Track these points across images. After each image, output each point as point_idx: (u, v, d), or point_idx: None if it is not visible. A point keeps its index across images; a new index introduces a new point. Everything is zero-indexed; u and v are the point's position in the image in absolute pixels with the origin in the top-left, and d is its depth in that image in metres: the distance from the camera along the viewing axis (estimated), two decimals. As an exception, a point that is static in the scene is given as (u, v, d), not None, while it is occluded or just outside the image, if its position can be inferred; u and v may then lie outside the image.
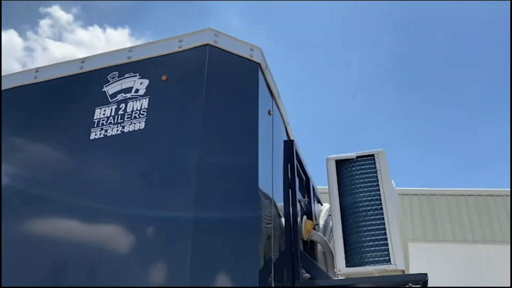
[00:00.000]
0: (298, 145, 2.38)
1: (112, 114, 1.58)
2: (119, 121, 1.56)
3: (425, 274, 1.77)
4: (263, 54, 1.77)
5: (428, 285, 1.81)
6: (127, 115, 1.56)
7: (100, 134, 1.56)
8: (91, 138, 1.56)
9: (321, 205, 2.63)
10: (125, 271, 1.34)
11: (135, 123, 1.53)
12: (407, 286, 1.87)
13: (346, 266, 1.85)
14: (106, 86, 1.67)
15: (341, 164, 2.10)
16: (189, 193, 1.39)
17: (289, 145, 2.13)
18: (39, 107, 1.77)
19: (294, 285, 1.79)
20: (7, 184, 1.61)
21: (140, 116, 1.54)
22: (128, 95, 1.61)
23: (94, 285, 1.34)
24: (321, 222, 2.42)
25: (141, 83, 1.62)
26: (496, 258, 10.92)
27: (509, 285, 7.82)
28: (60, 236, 1.46)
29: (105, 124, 1.57)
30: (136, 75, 1.66)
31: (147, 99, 1.58)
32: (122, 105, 1.59)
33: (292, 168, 2.08)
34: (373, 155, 2.06)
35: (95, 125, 1.58)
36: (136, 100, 1.58)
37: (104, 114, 1.60)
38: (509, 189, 11.75)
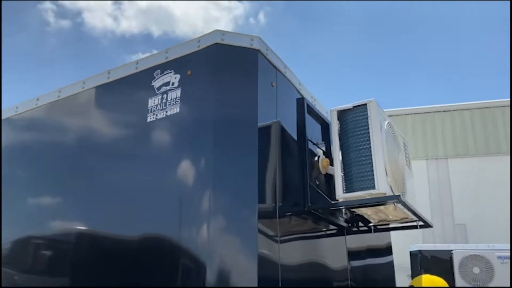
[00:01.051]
0: (313, 100, 2.93)
1: (159, 102, 2.30)
2: (164, 107, 2.27)
3: (398, 196, 2.32)
4: (262, 41, 2.32)
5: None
6: (168, 102, 2.26)
7: (154, 117, 2.29)
8: (147, 121, 2.30)
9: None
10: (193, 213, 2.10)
11: (173, 108, 2.23)
12: (393, 203, 2.44)
13: (344, 192, 2.46)
14: (153, 82, 2.37)
15: (343, 113, 2.63)
16: (208, 140, 2.10)
17: (300, 102, 2.70)
18: (113, 100, 2.56)
19: (305, 208, 2.45)
20: (93, 153, 2.46)
21: (176, 103, 2.23)
22: (168, 87, 2.30)
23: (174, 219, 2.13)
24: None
25: (175, 78, 2.30)
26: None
27: None
28: (133, 186, 2.27)
29: (155, 110, 2.30)
30: (171, 72, 2.33)
31: (180, 89, 2.25)
32: (165, 95, 2.29)
33: (303, 118, 2.66)
34: (365, 104, 2.56)
35: (149, 111, 2.31)
36: (173, 91, 2.27)
37: (154, 102, 2.32)
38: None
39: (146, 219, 2.20)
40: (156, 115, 2.27)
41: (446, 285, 3.14)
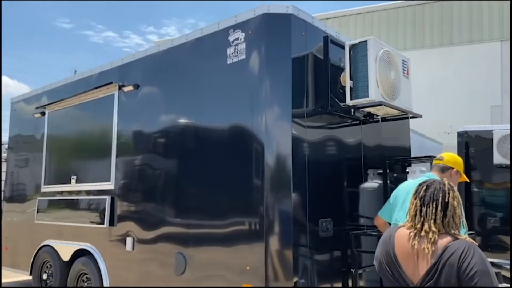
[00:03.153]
0: (338, 34, 4.21)
1: (233, 51, 3.81)
2: (236, 54, 3.78)
3: (381, 101, 3.71)
4: (295, 7, 3.67)
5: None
6: (238, 51, 3.76)
7: (231, 60, 3.83)
8: (227, 63, 3.85)
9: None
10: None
11: (241, 55, 3.74)
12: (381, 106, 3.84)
13: (350, 99, 3.89)
14: (229, 37, 3.87)
15: (353, 46, 3.94)
16: (262, 69, 3.63)
17: (325, 38, 4.02)
18: (205, 48, 4.11)
19: (327, 111, 3.94)
20: (194, 78, 4.11)
21: (243, 52, 3.73)
22: (238, 41, 3.79)
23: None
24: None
25: (242, 35, 3.77)
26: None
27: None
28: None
29: (231, 56, 3.82)
30: (239, 30, 3.79)
31: (244, 43, 3.74)
32: (236, 47, 3.79)
33: (327, 49, 4.01)
34: (366, 40, 3.84)
35: (228, 57, 3.85)
36: (240, 44, 3.76)
37: (230, 51, 3.84)
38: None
39: (231, 111, 3.86)
40: (232, 59, 3.82)
41: (461, 162, 3.72)
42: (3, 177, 19.47)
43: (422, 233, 1.94)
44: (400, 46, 16.44)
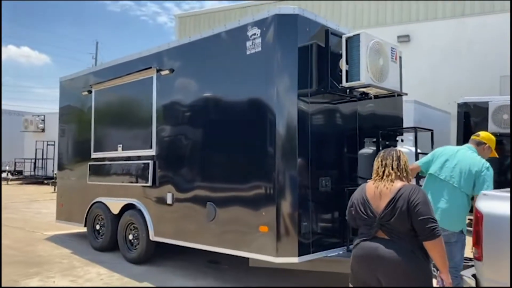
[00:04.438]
0: (337, 27, 5.09)
1: (251, 44, 4.75)
2: (253, 47, 4.72)
3: (369, 83, 4.63)
4: (300, 8, 4.57)
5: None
6: (255, 44, 4.70)
7: (250, 52, 4.78)
8: (246, 54, 4.81)
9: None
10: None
11: (258, 48, 4.68)
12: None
13: (345, 82, 4.80)
14: (247, 32, 4.80)
15: (349, 38, 4.82)
16: (273, 58, 4.60)
17: (326, 32, 4.92)
18: (229, 41, 5.06)
19: (327, 91, 4.88)
20: (216, 65, 5.09)
21: (259, 45, 4.67)
22: (255, 36, 4.71)
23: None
24: (354, 58, 5.23)
25: (258, 31, 4.69)
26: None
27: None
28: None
29: (250, 48, 4.76)
30: (256, 27, 4.72)
31: (260, 38, 4.67)
32: (253, 40, 4.73)
33: (328, 40, 4.91)
34: (359, 34, 4.72)
35: (247, 49, 4.80)
36: (257, 38, 4.69)
37: (249, 44, 4.77)
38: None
39: (249, 92, 4.84)
40: (250, 51, 4.77)
41: (494, 140, 4.40)
42: (39, 146, 20.90)
43: (384, 177, 2.94)
44: (413, 17, 16.92)
